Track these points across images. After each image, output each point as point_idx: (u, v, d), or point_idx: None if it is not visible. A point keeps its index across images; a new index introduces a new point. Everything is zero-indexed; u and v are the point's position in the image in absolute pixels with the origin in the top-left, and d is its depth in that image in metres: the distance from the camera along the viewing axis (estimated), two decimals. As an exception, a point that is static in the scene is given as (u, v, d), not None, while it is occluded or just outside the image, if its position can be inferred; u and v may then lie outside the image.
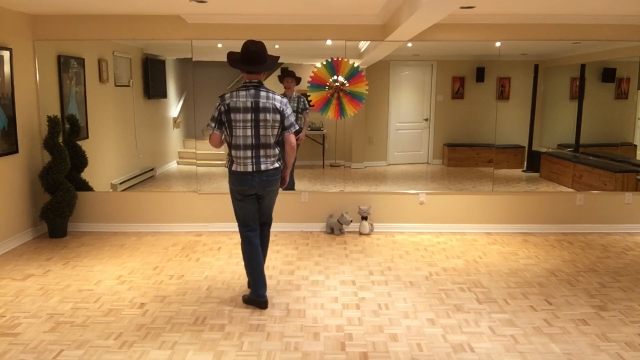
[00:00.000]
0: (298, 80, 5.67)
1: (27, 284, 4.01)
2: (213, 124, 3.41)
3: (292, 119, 3.46)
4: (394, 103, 6.20)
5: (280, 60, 5.95)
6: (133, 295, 3.82)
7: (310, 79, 5.43)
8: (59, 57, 5.34)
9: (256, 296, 3.56)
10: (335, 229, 5.41)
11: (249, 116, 3.34)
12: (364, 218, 5.40)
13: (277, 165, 3.47)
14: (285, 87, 5.61)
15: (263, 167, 3.40)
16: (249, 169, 3.39)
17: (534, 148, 6.19)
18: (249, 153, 3.38)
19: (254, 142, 3.36)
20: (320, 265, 4.47)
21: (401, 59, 6.07)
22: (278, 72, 6.07)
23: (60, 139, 5.22)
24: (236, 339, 3.13)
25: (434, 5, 3.45)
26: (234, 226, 5.52)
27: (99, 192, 5.58)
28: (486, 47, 5.41)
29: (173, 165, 6.34)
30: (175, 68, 6.14)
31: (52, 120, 5.06)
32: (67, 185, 5.18)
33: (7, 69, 4.83)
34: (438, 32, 5.26)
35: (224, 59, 3.65)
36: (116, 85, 5.69)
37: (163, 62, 6.01)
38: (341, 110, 5.46)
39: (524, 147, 6.20)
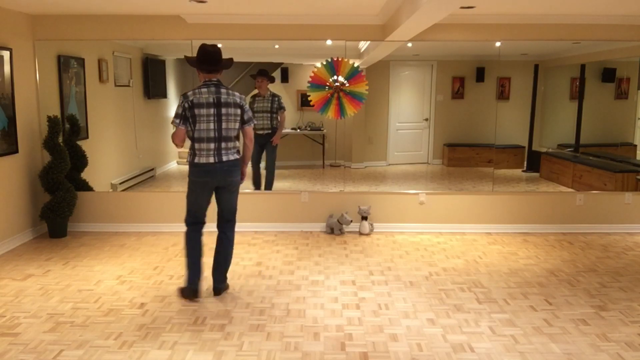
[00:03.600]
0: (271, 79, 5.70)
1: (27, 284, 4.01)
2: (178, 120, 3.57)
3: (250, 114, 3.71)
4: (394, 103, 6.20)
5: (280, 60, 6.01)
6: (133, 295, 3.82)
7: (310, 79, 5.43)
8: (59, 57, 5.34)
9: (189, 284, 3.68)
10: (335, 229, 5.41)
11: (211, 111, 3.53)
12: (364, 218, 5.40)
13: (236, 156, 3.67)
14: (256, 87, 5.64)
15: (224, 158, 3.60)
16: (211, 160, 3.57)
17: (534, 148, 6.19)
18: (212, 145, 3.56)
19: (216, 135, 3.56)
20: (320, 265, 4.47)
21: (401, 59, 6.07)
22: (278, 73, 6.08)
23: (60, 139, 5.22)
24: (236, 339, 3.14)
25: (434, 5, 3.45)
26: (234, 226, 5.52)
27: (99, 192, 5.58)
28: (486, 47, 5.42)
29: (173, 165, 6.35)
30: (175, 68, 6.14)
31: (52, 120, 5.06)
32: (67, 185, 5.18)
33: (7, 69, 4.83)
34: (438, 32, 5.26)
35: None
36: (116, 85, 5.69)
37: (163, 62, 6.01)
38: (341, 110, 5.46)
39: (524, 147, 6.21)
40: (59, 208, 5.12)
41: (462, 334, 3.21)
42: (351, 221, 5.40)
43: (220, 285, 3.81)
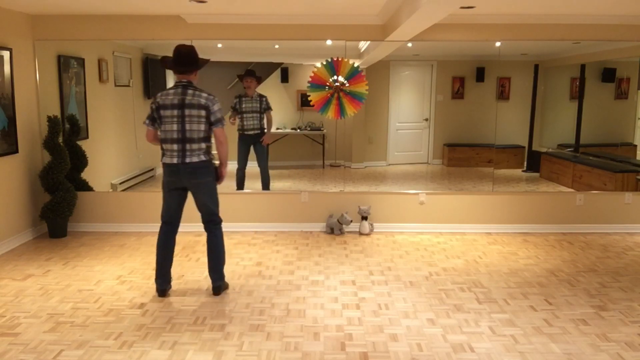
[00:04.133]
0: (259, 80, 5.71)
1: (27, 284, 4.01)
2: (147, 121, 3.69)
3: (219, 115, 3.62)
4: (394, 103, 6.20)
5: (280, 60, 6.01)
6: (133, 295, 3.82)
7: (310, 79, 5.43)
8: (59, 57, 5.34)
9: (156, 283, 3.79)
10: (335, 229, 5.41)
11: (175, 112, 3.57)
12: (364, 218, 5.40)
13: (203, 158, 3.63)
14: (245, 87, 5.63)
15: (188, 159, 3.60)
16: (175, 160, 3.60)
17: (534, 148, 6.19)
18: (175, 146, 3.59)
19: (180, 136, 3.58)
20: (320, 265, 4.47)
21: (401, 59, 6.07)
22: (278, 73, 6.08)
23: (60, 139, 5.22)
24: (236, 339, 3.14)
25: (434, 5, 3.45)
26: (233, 226, 5.53)
27: (99, 192, 5.58)
28: (486, 47, 5.42)
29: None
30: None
31: (52, 120, 5.06)
32: (67, 185, 5.18)
33: (7, 69, 4.83)
34: (438, 32, 5.26)
35: (224, 59, 3.72)
36: (116, 85, 5.69)
37: (163, 62, 6.00)
38: (341, 110, 5.46)
39: (524, 147, 6.20)
40: (59, 208, 5.12)
41: (462, 334, 3.21)
42: (351, 221, 5.40)
43: (217, 284, 3.81)
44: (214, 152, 3.73)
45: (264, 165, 5.77)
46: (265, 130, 5.76)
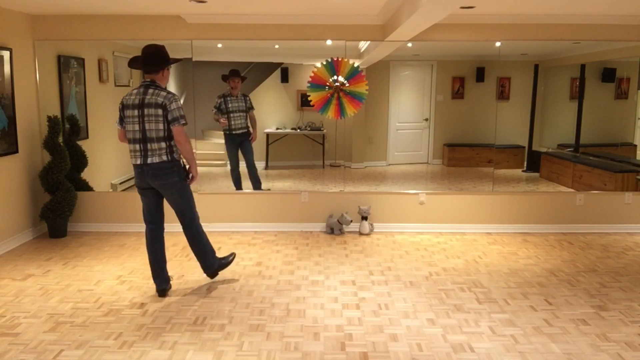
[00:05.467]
0: (243, 79, 5.74)
1: (27, 284, 4.01)
2: (117, 121, 3.70)
3: (176, 113, 3.54)
4: (394, 103, 6.20)
5: (280, 60, 6.01)
6: (133, 295, 3.82)
7: (310, 79, 5.43)
8: (59, 57, 5.34)
9: (154, 283, 3.81)
10: (335, 229, 5.41)
11: (136, 112, 3.57)
12: (364, 218, 5.40)
13: (164, 158, 3.59)
14: (231, 87, 5.64)
15: (149, 160, 3.58)
16: (138, 161, 3.62)
17: (534, 148, 6.19)
18: (137, 147, 3.60)
19: (140, 136, 3.58)
20: (320, 265, 4.47)
21: (401, 59, 6.07)
22: (278, 73, 6.08)
23: (60, 139, 5.22)
24: (236, 339, 3.14)
25: (434, 5, 3.45)
26: (233, 226, 5.53)
27: (99, 192, 5.58)
28: (486, 47, 5.42)
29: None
30: (175, 68, 6.13)
31: (52, 120, 5.06)
32: (67, 185, 5.18)
33: (7, 69, 4.83)
34: (438, 32, 5.26)
35: (224, 59, 3.70)
36: (116, 85, 5.69)
37: (163, 62, 5.99)
38: (341, 110, 5.46)
39: (524, 147, 6.20)
40: (59, 208, 5.12)
41: (462, 334, 3.21)
42: (351, 221, 5.40)
43: (207, 272, 3.98)
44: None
45: (252, 163, 5.80)
46: (251, 130, 5.80)
